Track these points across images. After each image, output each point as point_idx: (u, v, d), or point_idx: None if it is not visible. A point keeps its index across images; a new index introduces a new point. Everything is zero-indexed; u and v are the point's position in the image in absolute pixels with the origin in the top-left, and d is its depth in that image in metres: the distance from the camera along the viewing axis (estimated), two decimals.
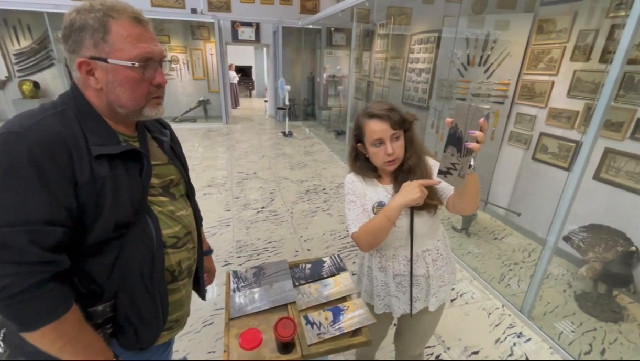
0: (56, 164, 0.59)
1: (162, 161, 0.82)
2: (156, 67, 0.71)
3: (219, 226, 2.98)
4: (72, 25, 0.64)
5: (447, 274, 1.10)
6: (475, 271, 2.39)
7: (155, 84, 0.71)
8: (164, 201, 0.78)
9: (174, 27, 7.26)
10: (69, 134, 0.63)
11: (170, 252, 0.78)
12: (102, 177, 0.64)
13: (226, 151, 5.43)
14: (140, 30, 0.68)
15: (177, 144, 0.93)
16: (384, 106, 0.97)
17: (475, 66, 3.16)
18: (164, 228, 0.76)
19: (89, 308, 0.68)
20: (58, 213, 0.60)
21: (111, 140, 0.68)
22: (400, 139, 0.97)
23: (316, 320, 0.88)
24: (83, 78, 0.66)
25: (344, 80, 7.58)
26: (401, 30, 4.90)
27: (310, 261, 1.15)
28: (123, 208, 0.67)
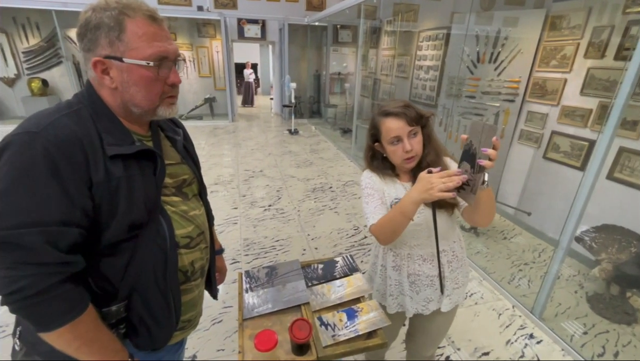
0: (72, 164, 0.59)
1: (176, 161, 0.82)
2: (171, 67, 0.70)
3: (227, 224, 2.98)
4: (87, 24, 0.63)
5: (461, 276, 1.08)
6: (484, 271, 2.36)
7: (169, 84, 0.71)
8: (177, 200, 0.78)
9: (180, 24, 7.28)
10: (85, 133, 0.62)
11: (184, 252, 0.78)
12: (116, 178, 0.64)
13: (232, 148, 5.44)
14: (155, 29, 0.67)
15: (190, 143, 0.93)
16: (399, 104, 0.97)
17: (486, 63, 3.11)
18: (177, 228, 0.76)
19: (103, 309, 0.68)
20: (74, 214, 0.59)
21: (125, 140, 0.68)
22: (418, 136, 0.96)
23: (330, 321, 0.87)
24: (98, 77, 0.66)
25: (350, 77, 7.54)
26: (409, 27, 4.85)
27: (322, 261, 1.14)
28: (137, 209, 0.67)
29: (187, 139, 0.92)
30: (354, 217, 3.16)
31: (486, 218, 0.88)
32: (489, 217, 0.88)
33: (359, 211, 3.29)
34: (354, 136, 5.17)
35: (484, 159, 0.72)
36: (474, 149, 0.74)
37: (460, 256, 1.07)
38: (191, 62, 7.64)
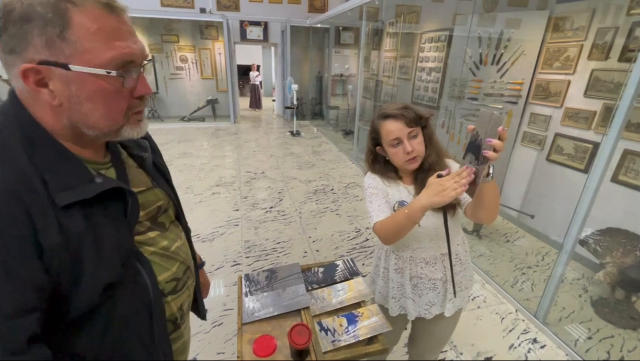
0: (12, 233, 0.43)
1: (146, 186, 0.65)
2: (138, 73, 0.53)
3: (228, 225, 2.98)
4: (7, 13, 0.44)
5: (465, 280, 1.07)
6: (487, 274, 2.34)
7: (137, 96, 0.54)
8: (154, 237, 0.63)
9: (182, 26, 7.31)
10: (21, 182, 0.45)
11: (171, 299, 0.64)
12: (76, 234, 0.47)
13: (234, 150, 5.45)
14: (115, 23, 0.49)
15: (159, 155, 0.76)
16: (398, 106, 0.97)
17: (488, 65, 3.10)
18: (160, 272, 0.62)
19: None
20: (26, 298, 0.43)
21: (79, 176, 0.50)
22: (418, 137, 0.96)
23: (330, 326, 0.86)
24: (31, 90, 0.47)
25: (352, 79, 7.54)
26: (411, 28, 4.84)
27: (322, 265, 1.13)
28: (109, 266, 0.51)
29: (155, 151, 0.74)
30: (356, 219, 3.15)
31: (490, 213, 0.86)
32: (493, 212, 0.86)
33: (360, 213, 3.27)
34: (356, 138, 5.16)
35: (489, 150, 0.70)
36: (479, 140, 0.72)
37: (464, 260, 1.06)
38: (193, 63, 7.66)
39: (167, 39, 7.34)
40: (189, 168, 4.45)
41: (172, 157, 4.90)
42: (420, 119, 0.96)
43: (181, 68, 7.64)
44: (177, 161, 4.77)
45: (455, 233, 1.02)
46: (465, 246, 1.08)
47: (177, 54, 7.51)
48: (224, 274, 2.29)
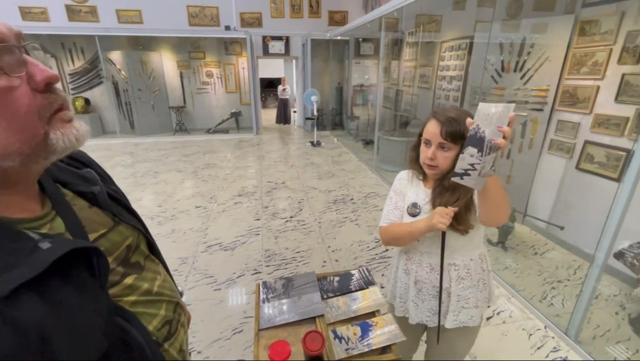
0: None
1: (107, 226, 0.55)
2: (20, 58, 0.39)
3: (249, 235, 3.04)
4: None
5: (474, 297, 1.03)
6: (513, 287, 2.25)
7: (39, 87, 0.40)
8: (131, 283, 0.54)
9: (208, 43, 7.67)
10: None
11: (168, 345, 0.58)
12: (34, 323, 0.35)
13: (256, 160, 5.58)
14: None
15: (110, 182, 0.64)
16: (450, 113, 0.93)
17: (511, 72, 3.03)
18: (149, 321, 0.54)
19: None
20: None
21: (17, 247, 0.38)
22: (449, 152, 0.93)
23: (344, 335, 0.87)
24: None
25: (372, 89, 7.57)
26: (431, 37, 4.83)
27: (338, 274, 1.14)
28: (89, 343, 0.41)
29: (105, 179, 0.62)
30: (375, 229, 3.13)
31: (501, 211, 0.84)
32: (504, 210, 0.85)
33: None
34: (376, 148, 5.15)
35: (498, 137, 0.70)
36: (481, 132, 0.72)
37: (475, 277, 1.02)
38: (218, 78, 7.99)
39: (194, 56, 7.72)
40: (212, 178, 4.61)
41: (197, 168, 5.09)
42: (460, 138, 0.91)
43: (207, 83, 7.98)
44: (201, 171, 4.95)
45: (468, 246, 1.01)
46: (484, 264, 1.05)
47: (204, 70, 7.87)
48: (244, 283, 2.34)
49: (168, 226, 3.20)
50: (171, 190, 4.18)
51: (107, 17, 6.77)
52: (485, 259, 1.06)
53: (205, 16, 7.18)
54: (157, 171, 4.96)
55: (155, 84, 7.39)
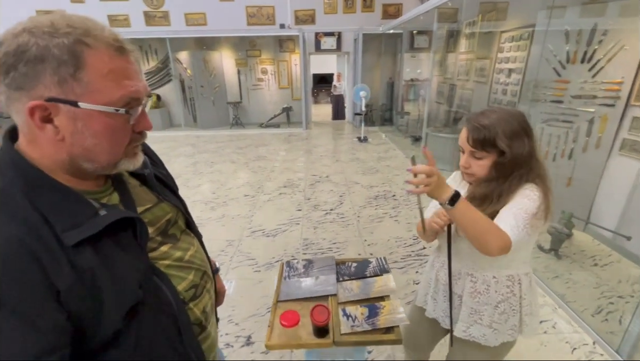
0: (22, 283, 0.44)
1: (152, 202, 0.67)
2: (141, 109, 0.55)
3: (290, 223, 3.21)
4: (22, 53, 0.45)
5: (489, 317, 0.95)
6: (561, 298, 2.08)
7: (138, 131, 0.56)
8: (166, 250, 0.65)
9: (264, 42, 8.06)
10: (25, 229, 0.46)
11: (193, 305, 0.67)
12: (89, 268, 0.48)
13: (303, 154, 5.78)
14: (124, 63, 0.52)
15: (161, 166, 0.77)
16: (482, 120, 0.86)
17: (577, 63, 2.74)
18: (178, 283, 0.64)
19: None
20: (46, 342, 0.45)
21: (83, 213, 0.51)
22: (484, 160, 0.87)
23: (352, 314, 0.94)
24: (36, 126, 0.48)
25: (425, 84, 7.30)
26: (490, 27, 4.52)
27: (357, 261, 1.21)
28: (129, 291, 0.53)
29: (156, 163, 0.75)
30: (415, 227, 3.08)
31: (476, 242, 0.79)
32: (478, 242, 0.79)
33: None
34: (424, 144, 5.00)
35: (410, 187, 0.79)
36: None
37: (496, 297, 0.94)
38: (272, 75, 8.36)
39: (251, 54, 8.18)
40: (262, 170, 4.90)
41: (249, 160, 5.44)
42: (488, 145, 0.84)
43: (262, 79, 8.40)
44: (252, 163, 5.28)
45: (495, 265, 0.93)
46: (516, 288, 0.94)
47: (259, 67, 8.30)
48: None
49: (219, 211, 3.51)
50: (224, 179, 4.54)
51: (177, 20, 7.49)
52: (520, 284, 0.94)
53: (262, 15, 7.54)
54: (214, 162, 5.42)
55: (216, 81, 7.99)
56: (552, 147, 2.99)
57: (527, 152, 0.85)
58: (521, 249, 0.90)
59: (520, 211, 0.82)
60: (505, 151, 0.83)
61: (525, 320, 0.96)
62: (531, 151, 0.86)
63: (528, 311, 0.96)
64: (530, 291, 0.97)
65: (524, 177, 0.86)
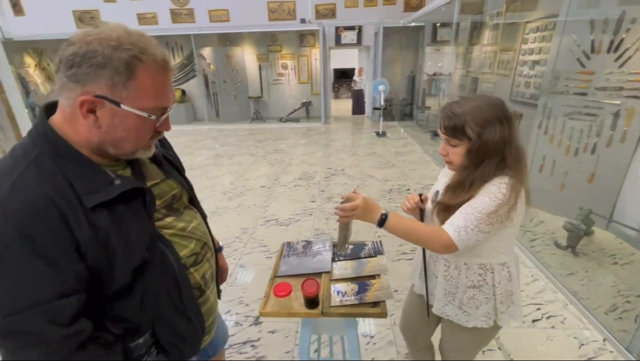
0: (50, 232, 0.53)
1: (159, 178, 0.76)
2: (166, 116, 0.66)
3: (303, 214, 3.29)
4: (91, 56, 0.54)
5: (459, 300, 0.99)
6: (574, 295, 2.03)
7: (159, 130, 0.67)
8: (171, 221, 0.74)
9: (285, 37, 8.15)
10: (55, 189, 0.55)
11: (193, 270, 0.77)
12: (104, 228, 0.58)
13: (320, 148, 5.84)
14: (164, 80, 0.62)
15: (170, 149, 0.87)
16: (455, 108, 0.87)
17: (602, 54, 2.62)
18: (180, 249, 0.74)
19: (131, 344, 0.67)
20: (67, 284, 0.55)
21: (101, 181, 0.60)
22: (458, 148, 0.88)
23: (342, 289, 1.00)
24: (81, 114, 0.57)
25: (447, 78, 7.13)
26: (514, 18, 4.36)
27: (353, 243, 1.26)
28: (136, 250, 0.63)
29: (165, 146, 0.85)
30: None
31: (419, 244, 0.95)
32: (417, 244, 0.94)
33: None
34: None
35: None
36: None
37: (466, 282, 0.97)
38: (292, 70, 8.45)
39: (272, 49, 8.30)
40: (278, 162, 5.01)
41: (267, 153, 5.57)
42: (457, 131, 0.86)
43: (282, 74, 8.52)
44: (270, 156, 5.40)
45: (468, 254, 0.95)
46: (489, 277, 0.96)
47: (280, 62, 8.41)
48: None
49: (236, 201, 3.65)
50: (243, 171, 4.69)
51: (201, 17, 7.72)
52: (493, 273, 0.95)
53: (283, 10, 7.62)
54: (233, 154, 5.59)
55: (238, 76, 8.19)
56: (574, 142, 2.87)
57: (499, 139, 0.83)
58: (490, 241, 0.89)
59: (473, 211, 0.83)
60: (472, 138, 0.84)
61: (501, 308, 0.96)
62: (504, 138, 0.84)
63: (504, 301, 0.96)
64: (508, 282, 0.96)
65: (497, 165, 0.85)
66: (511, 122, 0.86)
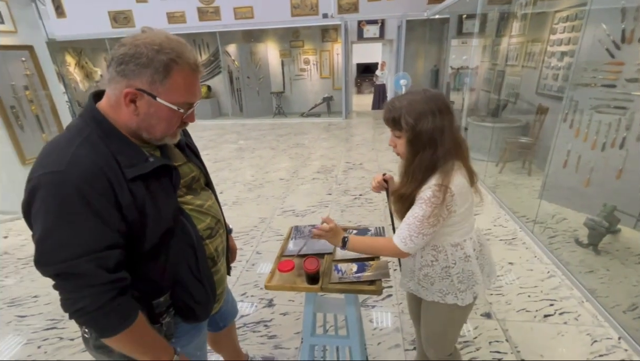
0: (101, 195, 0.65)
1: (182, 161, 0.88)
2: (192, 110, 0.77)
3: (319, 206, 3.38)
4: (138, 56, 0.65)
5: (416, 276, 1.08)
6: (591, 292, 1.98)
7: (184, 121, 0.78)
8: (190, 198, 0.86)
9: (307, 32, 8.22)
10: (104, 161, 0.67)
11: (208, 242, 0.88)
12: (141, 197, 0.70)
13: (340, 143, 5.89)
14: (193, 80, 0.73)
15: (189, 136, 1.00)
16: (395, 102, 0.94)
17: (634, 43, 2.48)
18: (198, 223, 0.85)
19: (154, 301, 0.79)
20: (113, 238, 0.67)
21: (139, 157, 0.72)
22: (401, 139, 0.95)
23: (342, 269, 1.07)
24: (124, 103, 0.69)
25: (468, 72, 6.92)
26: (544, 7, 4.18)
27: (358, 228, 1.32)
28: (164, 217, 0.75)
29: (186, 134, 0.97)
30: None
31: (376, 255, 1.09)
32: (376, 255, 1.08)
33: None
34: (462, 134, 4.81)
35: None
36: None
37: (419, 260, 1.05)
38: (314, 65, 8.51)
39: (294, 45, 8.40)
40: (298, 156, 5.12)
41: (287, 147, 5.70)
42: (397, 124, 0.92)
43: (304, 70, 8.61)
44: (290, 150, 5.52)
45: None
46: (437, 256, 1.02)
47: (302, 57, 8.50)
48: None
49: (255, 192, 3.79)
50: (263, 164, 4.84)
51: (226, 15, 7.94)
52: (446, 253, 1.01)
53: (306, 6, 7.69)
54: (255, 148, 5.76)
55: (261, 72, 8.36)
56: (602, 136, 2.75)
57: (432, 130, 0.89)
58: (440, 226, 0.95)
59: (414, 220, 0.93)
60: (404, 128, 0.91)
61: (461, 287, 1.03)
62: (439, 128, 0.89)
63: (464, 280, 1.02)
64: (465, 262, 1.01)
65: (432, 155, 0.91)
66: (447, 113, 0.91)
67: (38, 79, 3.46)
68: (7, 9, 3.20)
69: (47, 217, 0.62)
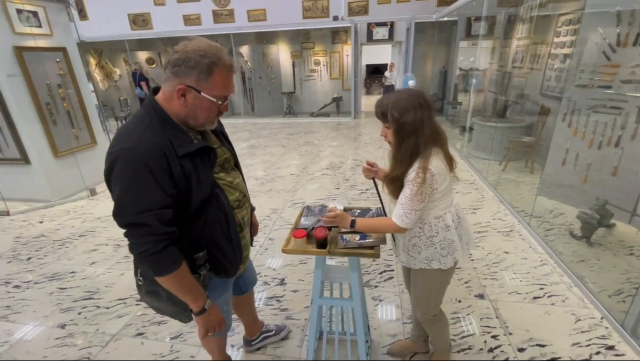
0: (161, 167, 0.83)
1: (217, 144, 1.07)
2: (226, 101, 0.96)
3: (327, 199, 3.57)
4: (187, 60, 0.83)
5: (406, 246, 1.28)
6: (580, 279, 2.13)
7: (220, 111, 0.96)
8: (223, 175, 1.05)
9: (318, 34, 8.44)
10: (163, 142, 0.85)
11: (237, 212, 1.08)
12: (188, 170, 0.88)
13: (348, 141, 6.07)
14: (229, 78, 0.91)
15: (222, 126, 1.19)
16: (384, 99, 1.12)
17: (629, 46, 2.61)
18: (229, 195, 1.04)
19: (194, 255, 0.99)
20: (168, 200, 0.86)
21: (187, 140, 0.90)
22: (390, 130, 1.13)
23: (347, 238, 1.26)
24: (176, 96, 0.87)
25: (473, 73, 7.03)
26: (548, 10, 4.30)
27: (360, 208, 1.51)
28: (204, 188, 0.94)
29: (220, 124, 1.15)
30: None
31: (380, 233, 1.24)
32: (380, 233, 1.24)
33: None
34: (467, 134, 4.96)
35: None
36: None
37: (409, 232, 1.23)
38: (324, 66, 8.72)
39: (305, 46, 8.63)
40: (308, 154, 5.32)
41: (298, 145, 5.91)
42: (385, 116, 1.10)
43: (314, 70, 8.82)
44: (300, 147, 5.73)
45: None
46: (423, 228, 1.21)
47: (312, 59, 8.71)
48: None
49: (267, 186, 4.01)
50: (274, 160, 5.06)
51: (240, 17, 8.22)
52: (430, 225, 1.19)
53: (317, 9, 7.91)
54: (267, 145, 5.99)
55: (272, 73, 8.61)
56: (598, 135, 2.88)
57: (414, 121, 1.06)
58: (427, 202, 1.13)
59: (405, 200, 1.11)
60: (390, 120, 1.09)
61: (443, 253, 1.21)
62: (420, 119, 1.06)
63: (445, 247, 1.20)
64: (446, 231, 1.19)
65: (415, 142, 1.08)
66: (427, 108, 1.09)
67: (70, 78, 3.76)
68: (45, 14, 3.49)
69: (123, 181, 0.82)
